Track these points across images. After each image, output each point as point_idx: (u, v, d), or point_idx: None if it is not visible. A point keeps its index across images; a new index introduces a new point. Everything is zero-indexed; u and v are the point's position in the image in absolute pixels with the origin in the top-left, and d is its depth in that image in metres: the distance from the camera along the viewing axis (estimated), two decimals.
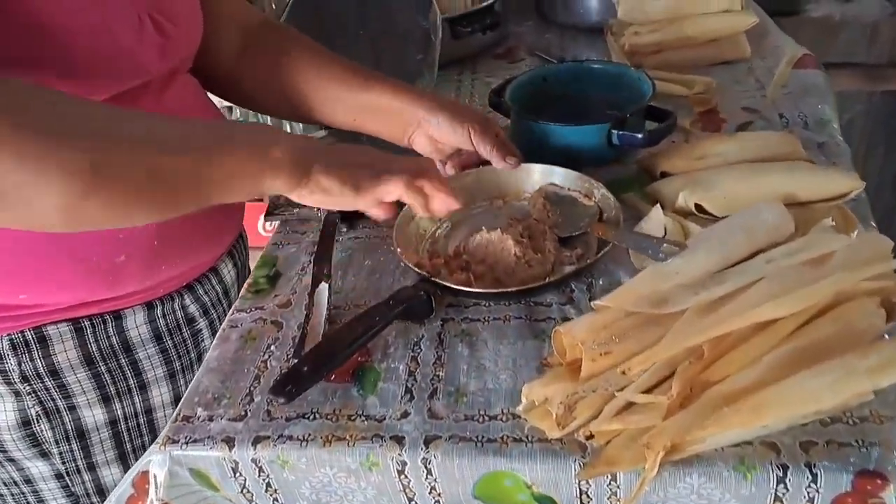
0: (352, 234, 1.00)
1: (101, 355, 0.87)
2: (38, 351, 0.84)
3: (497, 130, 0.95)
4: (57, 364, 0.85)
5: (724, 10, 1.27)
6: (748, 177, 0.88)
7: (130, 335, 0.90)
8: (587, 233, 0.90)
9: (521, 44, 1.47)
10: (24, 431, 0.87)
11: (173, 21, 0.82)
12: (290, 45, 0.99)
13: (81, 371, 0.87)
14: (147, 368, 0.92)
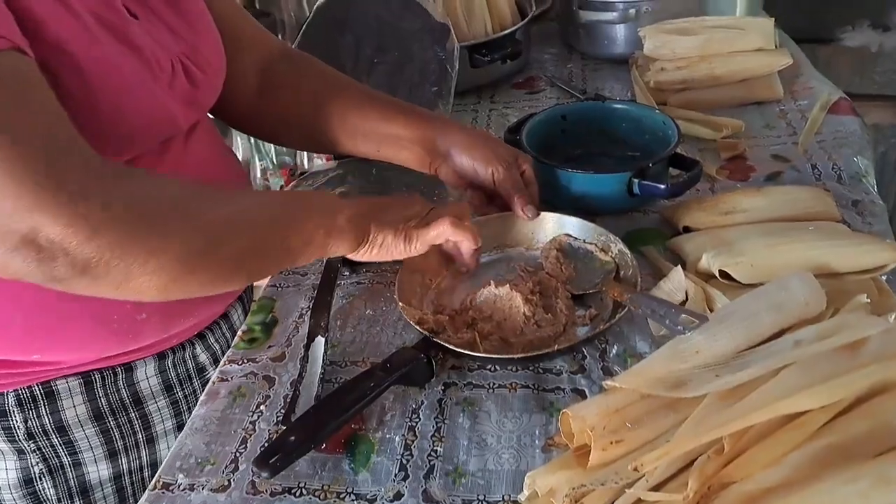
0: (354, 279, 0.95)
1: (110, 409, 0.84)
2: (46, 407, 0.80)
3: (525, 168, 0.92)
4: (64, 420, 0.82)
5: (756, 48, 1.21)
6: (777, 242, 0.82)
7: (141, 387, 0.87)
8: (602, 290, 0.84)
9: (542, 73, 1.42)
10: (25, 490, 0.83)
11: (202, 68, 0.80)
12: (310, 78, 0.97)
13: (90, 427, 0.84)
14: (157, 421, 0.89)
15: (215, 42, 0.86)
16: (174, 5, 0.80)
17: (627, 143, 1.10)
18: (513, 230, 0.95)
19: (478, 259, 0.87)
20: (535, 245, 0.94)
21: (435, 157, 0.93)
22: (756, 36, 1.20)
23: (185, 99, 0.78)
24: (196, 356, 0.92)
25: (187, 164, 0.82)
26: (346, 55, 1.18)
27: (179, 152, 0.80)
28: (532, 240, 0.94)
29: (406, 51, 1.18)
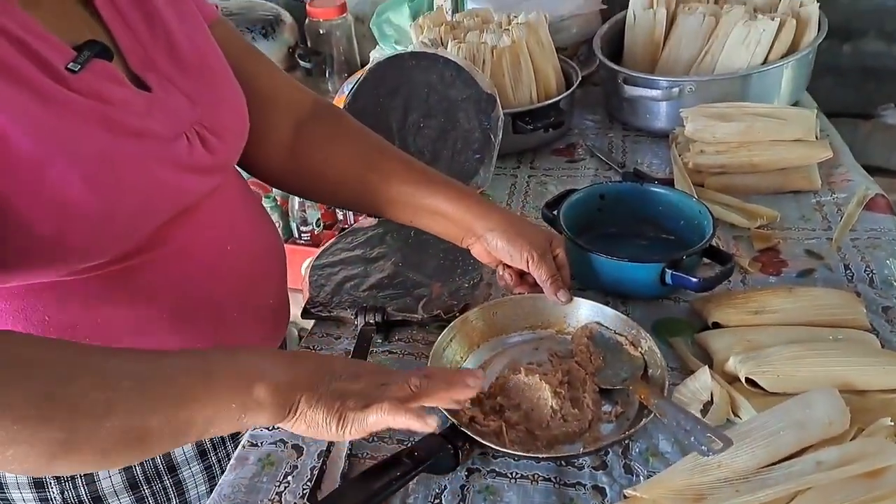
0: (385, 348, 0.98)
1: (145, 478, 0.86)
2: (82, 478, 0.82)
3: (557, 252, 0.94)
4: (100, 490, 0.84)
5: (797, 138, 1.22)
6: (804, 354, 0.83)
7: (175, 454, 0.89)
8: (629, 388, 0.86)
9: (583, 140, 1.44)
10: None
11: (219, 134, 0.80)
12: (344, 136, 0.98)
13: (125, 496, 0.86)
14: (190, 487, 0.91)
15: (236, 104, 0.85)
16: (193, 68, 0.79)
17: (662, 226, 1.12)
18: (545, 312, 0.97)
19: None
20: (567, 329, 0.96)
21: (469, 235, 0.95)
22: (797, 127, 1.22)
23: (199, 167, 0.77)
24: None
25: (212, 227, 0.82)
26: (394, 117, 1.21)
27: (198, 219, 0.80)
28: (564, 324, 0.96)
29: (452, 117, 1.21)
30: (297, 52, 1.87)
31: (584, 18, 1.64)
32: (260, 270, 0.91)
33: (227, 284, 0.85)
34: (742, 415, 0.81)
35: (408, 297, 1.02)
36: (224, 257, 0.85)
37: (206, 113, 0.79)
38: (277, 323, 0.97)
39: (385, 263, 1.09)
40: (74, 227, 0.66)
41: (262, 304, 0.92)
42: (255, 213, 0.94)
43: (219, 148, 0.80)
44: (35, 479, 0.81)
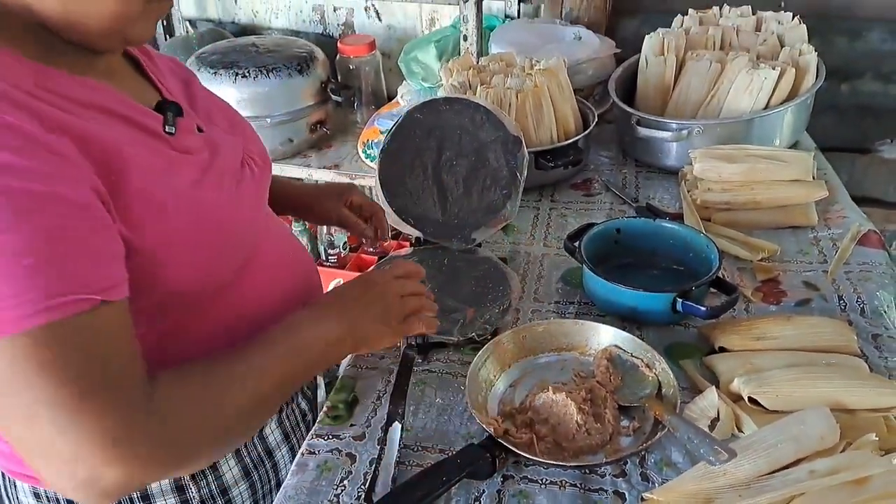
0: (425, 367, 1.09)
1: (252, 465, 1.00)
2: (211, 475, 0.95)
3: (351, 200, 1.27)
4: (225, 484, 0.96)
5: (795, 178, 1.34)
6: (800, 376, 0.94)
7: (269, 441, 1.03)
8: (645, 405, 0.96)
9: (598, 176, 1.55)
10: None
11: (257, 161, 0.95)
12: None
13: (243, 483, 0.99)
14: (282, 467, 1.05)
15: (254, 132, 1.02)
16: (215, 110, 0.94)
17: (673, 257, 1.23)
18: (569, 336, 1.08)
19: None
20: (588, 352, 1.07)
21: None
22: (796, 168, 1.33)
23: (255, 193, 0.93)
24: (299, 404, 1.10)
25: (276, 225, 1.02)
26: (429, 156, 1.33)
27: (267, 223, 0.98)
28: (586, 347, 1.07)
29: (482, 157, 1.32)
30: (329, 87, 1.99)
31: (600, 62, 1.77)
32: (303, 286, 1.05)
33: (279, 304, 0.97)
34: (745, 430, 0.92)
35: (445, 321, 1.13)
36: (280, 280, 0.99)
37: (246, 141, 0.95)
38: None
39: None
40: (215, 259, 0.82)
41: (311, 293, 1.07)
42: (292, 238, 1.10)
43: (264, 171, 0.96)
44: (176, 485, 0.92)
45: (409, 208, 1.34)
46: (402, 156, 1.34)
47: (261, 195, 0.96)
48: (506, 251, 1.34)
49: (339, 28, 2.33)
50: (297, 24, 2.35)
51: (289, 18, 2.35)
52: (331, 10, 2.31)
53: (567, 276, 1.26)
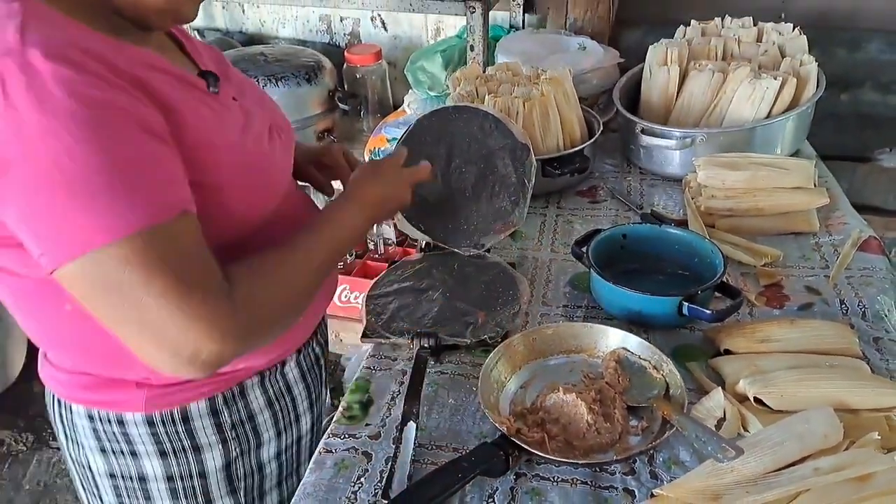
0: (438, 369, 1.11)
1: (275, 396, 1.08)
2: (241, 401, 1.03)
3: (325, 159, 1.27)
4: (252, 410, 1.05)
5: (797, 186, 1.37)
6: (804, 377, 0.97)
7: (288, 377, 1.10)
8: (653, 406, 0.99)
9: (603, 184, 1.58)
10: (226, 472, 1.05)
11: (281, 132, 1.04)
12: None
13: (267, 412, 1.07)
14: (300, 402, 1.13)
15: (277, 107, 1.13)
16: (245, 86, 1.06)
17: (678, 262, 1.26)
18: (578, 338, 1.11)
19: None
20: (597, 353, 1.10)
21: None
22: (797, 176, 1.36)
23: (284, 149, 1.05)
24: (314, 349, 1.17)
25: (300, 194, 1.12)
26: (438, 163, 1.35)
27: (294, 188, 1.11)
28: (594, 349, 1.10)
29: (490, 164, 1.35)
30: (337, 95, 2.02)
31: (604, 71, 1.80)
32: None
33: None
34: (750, 429, 0.95)
35: (457, 325, 1.16)
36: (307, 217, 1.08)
37: (272, 115, 1.05)
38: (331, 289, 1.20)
39: (434, 294, 1.23)
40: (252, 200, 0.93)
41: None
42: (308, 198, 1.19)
43: (288, 141, 1.07)
44: (212, 408, 1.00)
45: (419, 214, 1.36)
46: (413, 163, 1.37)
47: (286, 155, 1.07)
48: (514, 256, 1.37)
49: (346, 37, 2.36)
50: (303, 34, 2.39)
51: (296, 28, 2.38)
52: (337, 19, 2.34)
53: (574, 281, 1.29)
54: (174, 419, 0.98)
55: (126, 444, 0.98)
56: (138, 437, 0.98)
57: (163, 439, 0.98)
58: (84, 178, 0.70)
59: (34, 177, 0.70)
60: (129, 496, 1.03)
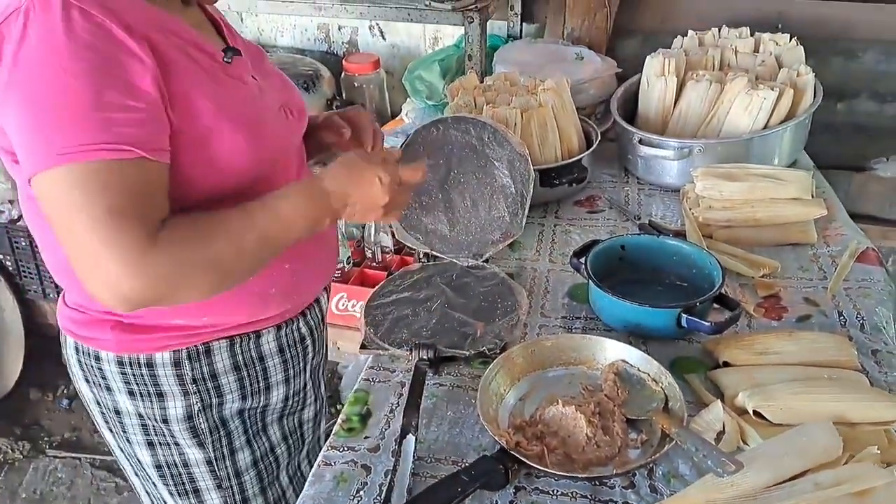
0: (437, 381, 1.11)
1: (244, 363, 1.10)
2: (205, 359, 1.07)
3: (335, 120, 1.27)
4: (216, 370, 1.08)
5: (795, 197, 1.37)
6: (803, 390, 0.97)
7: (263, 349, 1.12)
8: (652, 419, 0.99)
9: (601, 194, 1.59)
10: (187, 423, 1.09)
11: (294, 112, 1.11)
12: None
13: (232, 375, 1.09)
14: (272, 374, 1.14)
15: (297, 91, 1.20)
16: (269, 70, 1.13)
17: (676, 273, 1.26)
18: (577, 351, 1.11)
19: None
20: (596, 366, 1.10)
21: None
22: (795, 187, 1.37)
23: (289, 129, 1.10)
24: (300, 328, 1.17)
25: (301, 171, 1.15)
26: (437, 173, 1.36)
27: (298, 165, 1.14)
28: (593, 361, 1.10)
29: (489, 174, 1.35)
30: (335, 104, 2.03)
31: (601, 81, 1.81)
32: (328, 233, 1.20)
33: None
34: (750, 442, 0.95)
35: (455, 336, 1.16)
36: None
37: (287, 97, 1.11)
38: (332, 258, 1.24)
39: (432, 305, 1.23)
40: (230, 178, 0.97)
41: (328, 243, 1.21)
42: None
43: (297, 121, 1.13)
44: (174, 359, 1.05)
45: (418, 224, 1.37)
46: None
47: (292, 134, 1.12)
48: (512, 267, 1.37)
49: (344, 46, 2.37)
50: (302, 43, 2.39)
51: (294, 37, 2.38)
52: (336, 28, 2.34)
53: (573, 292, 1.29)
54: (140, 363, 1.05)
55: (102, 378, 1.07)
56: (111, 375, 1.06)
57: (130, 380, 1.06)
58: (62, 103, 0.82)
59: (29, 94, 0.83)
60: (112, 423, 1.12)
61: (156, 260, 0.84)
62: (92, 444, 2.47)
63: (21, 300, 2.60)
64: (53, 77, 0.83)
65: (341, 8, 1.93)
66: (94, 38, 0.84)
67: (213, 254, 0.90)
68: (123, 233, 0.83)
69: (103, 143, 0.83)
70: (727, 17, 2.01)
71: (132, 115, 0.85)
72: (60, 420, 2.57)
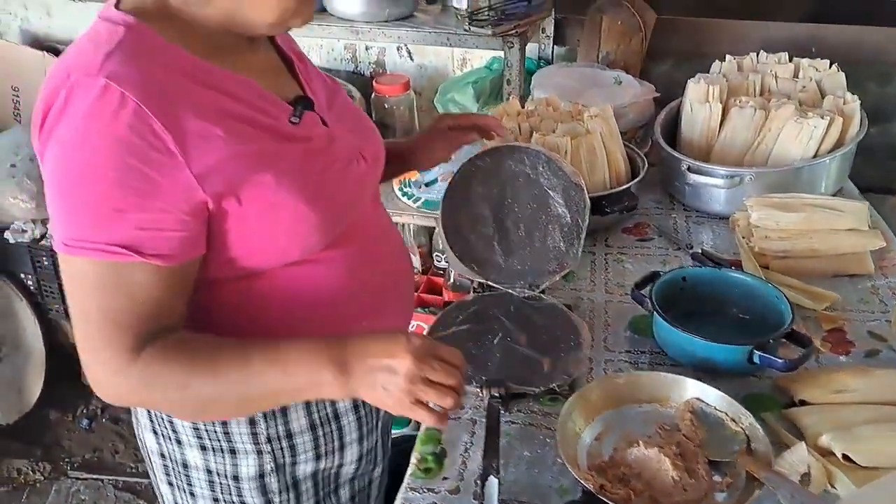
0: (508, 418, 1.09)
1: (319, 421, 1.07)
2: (280, 418, 1.03)
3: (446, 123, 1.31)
4: (291, 429, 1.05)
5: (851, 227, 1.36)
6: (892, 432, 0.96)
7: (339, 407, 1.09)
8: (737, 461, 0.97)
9: (649, 221, 1.58)
10: (258, 482, 1.06)
11: (370, 159, 1.08)
12: None
13: (307, 434, 1.06)
14: (347, 433, 1.11)
15: (377, 137, 1.16)
16: (347, 111, 1.10)
17: (738, 305, 1.25)
18: (650, 388, 1.09)
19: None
20: (670, 404, 1.08)
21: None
22: (852, 218, 1.37)
23: (367, 183, 1.09)
24: None
25: (376, 221, 1.13)
26: (490, 202, 1.34)
27: (370, 213, 1.12)
28: (667, 399, 1.09)
29: (543, 203, 1.34)
30: None
31: (640, 105, 1.80)
32: (402, 268, 1.20)
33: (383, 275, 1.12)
34: (838, 486, 0.93)
35: (522, 371, 1.14)
36: (382, 256, 1.13)
37: (362, 142, 1.08)
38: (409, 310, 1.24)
39: (494, 338, 1.21)
40: (293, 233, 0.95)
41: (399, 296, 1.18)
42: (392, 223, 1.22)
43: (373, 168, 1.10)
44: (250, 417, 1.02)
45: (472, 254, 1.35)
46: (465, 202, 1.36)
47: (361, 186, 1.07)
48: (568, 298, 1.35)
49: (371, 66, 2.35)
50: (328, 62, 2.37)
51: (320, 56, 2.37)
52: (363, 48, 2.33)
53: (635, 325, 1.27)
54: (214, 421, 1.03)
55: (172, 431, 1.05)
56: (182, 429, 1.04)
57: (203, 436, 1.04)
58: (78, 195, 0.83)
59: (54, 174, 0.84)
60: (175, 477, 1.10)
61: (135, 374, 0.86)
62: (113, 464, 2.44)
63: (42, 319, 2.57)
64: (77, 167, 0.83)
65: (378, 32, 1.91)
66: (129, 133, 0.81)
67: (192, 390, 0.88)
68: (110, 340, 0.86)
69: (108, 244, 0.83)
70: (761, 39, 2.01)
71: (147, 217, 0.84)
72: (81, 440, 2.54)
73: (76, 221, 0.84)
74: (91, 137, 0.81)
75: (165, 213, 0.84)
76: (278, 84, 1.00)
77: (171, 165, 0.84)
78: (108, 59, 0.83)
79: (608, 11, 1.95)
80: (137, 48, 0.86)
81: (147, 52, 0.86)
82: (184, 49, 0.88)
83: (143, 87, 0.82)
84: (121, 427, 2.66)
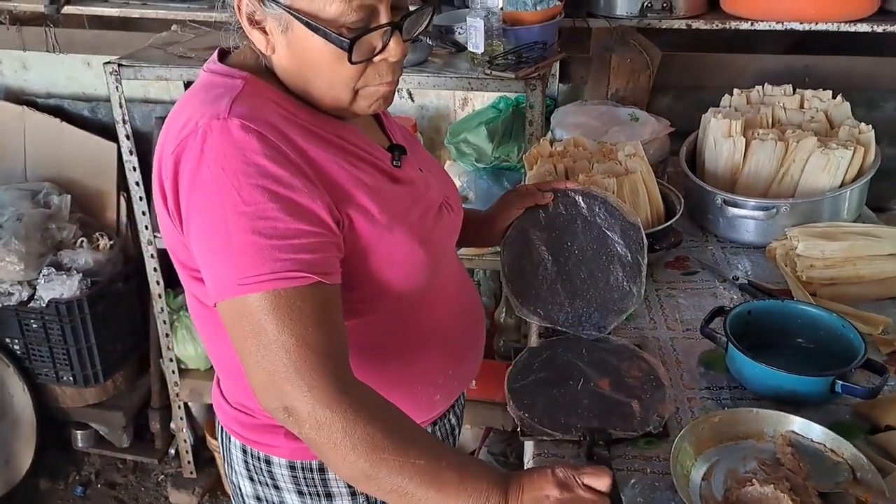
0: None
1: None
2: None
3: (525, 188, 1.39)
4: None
5: (890, 253, 1.43)
6: None
7: None
8: (848, 492, 1.01)
9: (687, 254, 1.62)
10: None
11: (452, 207, 1.15)
12: None
13: None
14: None
15: (454, 185, 1.23)
16: (427, 160, 1.18)
17: (803, 336, 1.29)
18: (745, 424, 1.12)
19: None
20: (766, 439, 1.11)
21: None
22: (889, 243, 1.43)
23: (448, 227, 1.14)
24: (450, 420, 1.24)
25: (459, 267, 1.21)
26: (550, 247, 1.36)
27: (454, 259, 1.18)
28: (762, 433, 1.11)
29: (603, 245, 1.36)
30: None
31: (659, 141, 1.85)
32: (479, 314, 1.27)
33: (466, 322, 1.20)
34: None
35: (616, 416, 1.15)
36: (461, 299, 1.20)
37: (448, 191, 1.16)
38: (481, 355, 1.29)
39: (576, 384, 1.22)
40: (411, 273, 1.03)
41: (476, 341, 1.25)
42: (468, 280, 1.30)
43: (454, 218, 1.16)
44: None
45: (537, 300, 1.36)
46: (525, 249, 1.37)
47: (450, 233, 1.15)
48: (633, 337, 1.37)
49: None
50: None
51: None
52: None
53: (706, 361, 1.30)
54: (312, 468, 1.10)
55: (270, 478, 1.11)
56: (280, 476, 1.11)
57: (301, 482, 1.11)
58: (240, 236, 0.85)
59: (205, 221, 0.87)
60: None
61: (346, 402, 0.87)
62: None
63: (32, 385, 2.46)
64: (231, 205, 0.85)
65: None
66: (270, 164, 0.86)
67: (381, 452, 0.86)
68: (318, 364, 0.86)
69: (286, 271, 0.86)
70: (757, 71, 2.11)
71: (304, 241, 0.88)
72: None
73: (245, 258, 0.85)
74: (237, 175, 0.85)
75: (318, 235, 0.89)
76: (372, 135, 1.09)
77: (311, 191, 0.89)
78: (234, 103, 0.90)
79: (617, 50, 2.00)
80: (257, 97, 0.93)
81: (266, 100, 0.94)
82: (295, 100, 0.97)
83: (270, 125, 0.89)
84: (118, 492, 2.57)
